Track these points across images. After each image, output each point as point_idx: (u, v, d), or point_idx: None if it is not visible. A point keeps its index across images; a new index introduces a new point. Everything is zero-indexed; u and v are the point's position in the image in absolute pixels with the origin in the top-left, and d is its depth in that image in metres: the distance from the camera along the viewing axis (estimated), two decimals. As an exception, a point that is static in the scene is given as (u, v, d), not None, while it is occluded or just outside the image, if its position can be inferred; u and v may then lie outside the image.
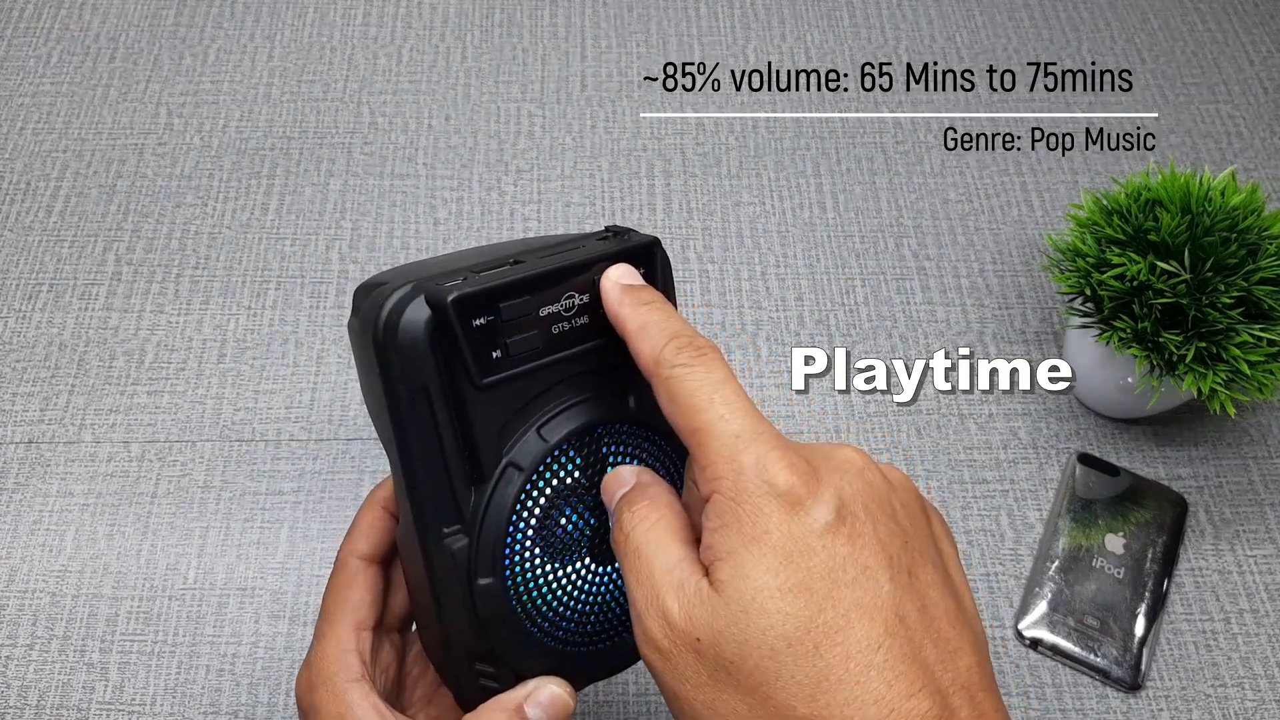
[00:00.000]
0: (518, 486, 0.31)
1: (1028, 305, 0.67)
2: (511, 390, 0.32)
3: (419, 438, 0.31)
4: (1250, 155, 0.74)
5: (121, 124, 0.73)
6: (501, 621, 0.32)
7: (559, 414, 0.32)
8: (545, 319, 0.32)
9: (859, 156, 0.73)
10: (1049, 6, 0.83)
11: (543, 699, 0.33)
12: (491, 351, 0.31)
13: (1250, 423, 0.62)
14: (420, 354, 0.30)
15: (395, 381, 0.31)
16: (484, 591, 0.32)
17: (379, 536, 0.37)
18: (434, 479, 0.31)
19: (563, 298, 0.32)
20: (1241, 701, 0.53)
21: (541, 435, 0.32)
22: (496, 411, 0.32)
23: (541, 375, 0.32)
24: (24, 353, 0.63)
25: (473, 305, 0.30)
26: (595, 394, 0.33)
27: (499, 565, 0.32)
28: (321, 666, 0.34)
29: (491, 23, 0.80)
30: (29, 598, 0.55)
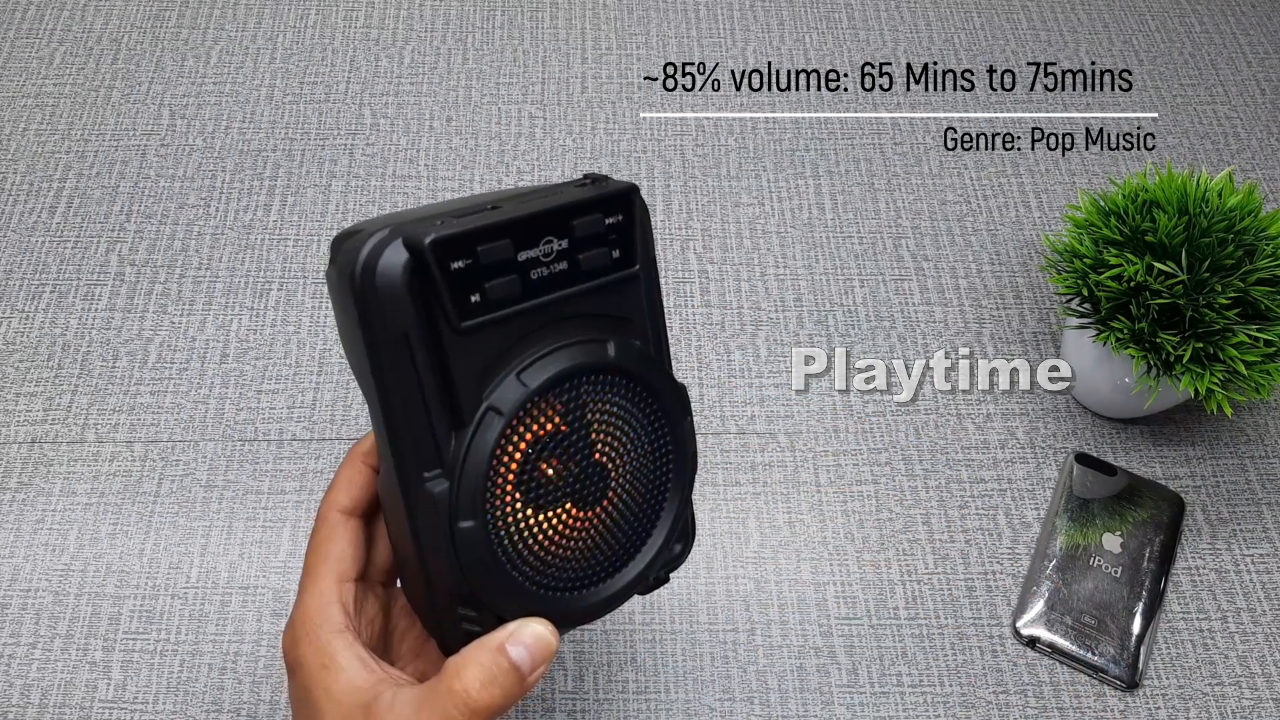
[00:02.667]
0: (498, 430, 0.31)
1: (1025, 306, 0.67)
2: (491, 335, 0.32)
3: (399, 382, 0.31)
4: (1247, 156, 0.75)
5: (124, 125, 0.74)
6: (483, 565, 0.32)
7: (539, 359, 0.33)
8: (524, 264, 0.32)
9: (858, 157, 0.74)
10: (1047, 8, 0.83)
11: (525, 638, 0.32)
12: (470, 295, 0.31)
13: (1247, 422, 0.63)
14: (399, 298, 0.30)
15: (374, 326, 0.31)
16: (465, 534, 0.32)
17: (359, 490, 0.37)
18: (415, 423, 0.32)
19: (541, 243, 0.32)
20: (1239, 700, 0.53)
21: (522, 380, 0.32)
22: (476, 356, 0.32)
23: (521, 320, 0.32)
24: (27, 353, 0.63)
25: (451, 248, 0.30)
26: (576, 340, 0.33)
27: (479, 508, 0.32)
28: (304, 619, 0.34)
29: (492, 25, 0.80)
30: (32, 597, 0.55)
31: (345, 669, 0.33)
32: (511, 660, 0.32)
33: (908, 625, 0.55)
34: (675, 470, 0.36)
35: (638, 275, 0.35)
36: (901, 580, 0.57)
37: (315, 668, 0.33)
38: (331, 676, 0.33)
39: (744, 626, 0.55)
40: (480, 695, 0.31)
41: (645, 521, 0.36)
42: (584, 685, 0.53)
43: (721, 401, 0.63)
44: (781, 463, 0.60)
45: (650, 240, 0.36)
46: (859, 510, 0.59)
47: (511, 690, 0.32)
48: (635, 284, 0.35)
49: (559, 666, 0.54)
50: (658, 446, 0.36)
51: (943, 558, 0.57)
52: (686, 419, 0.37)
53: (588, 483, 0.34)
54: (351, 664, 0.33)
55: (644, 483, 0.36)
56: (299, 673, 0.34)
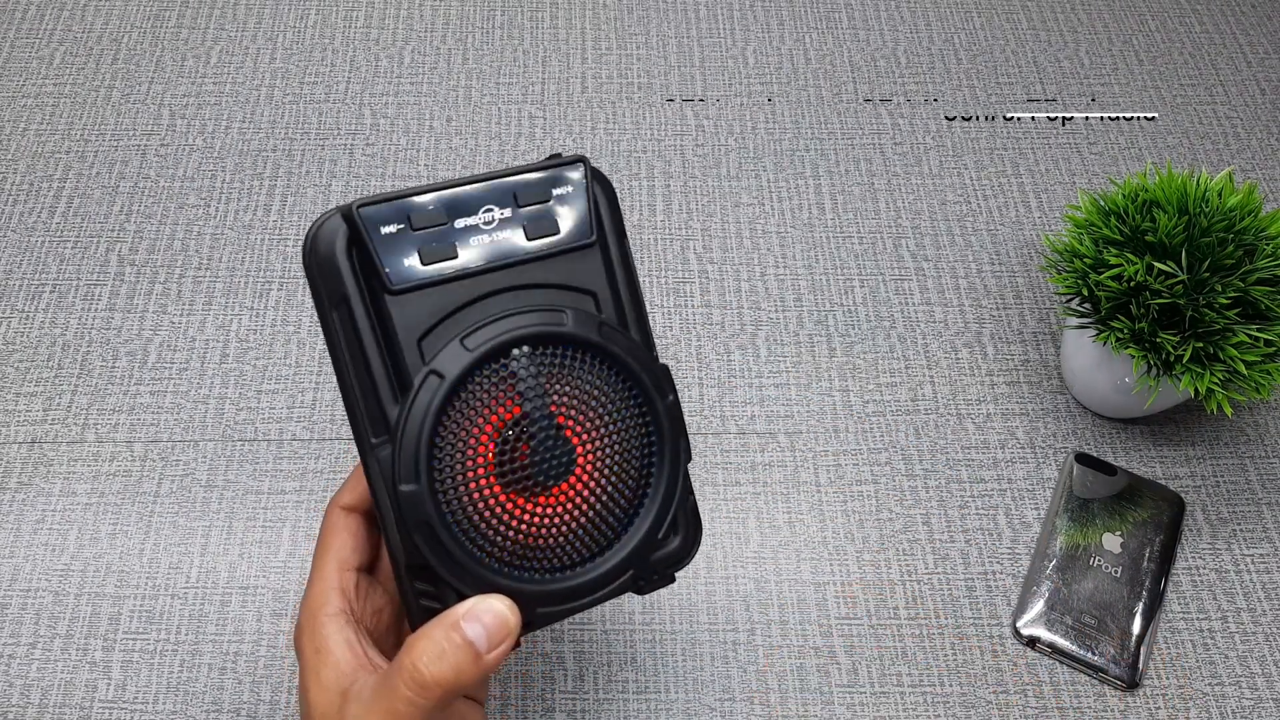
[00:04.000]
0: (440, 393, 0.32)
1: (1025, 305, 0.67)
2: (431, 299, 0.32)
3: (345, 348, 0.32)
4: (1247, 156, 0.75)
5: (124, 125, 0.74)
6: (430, 533, 0.32)
7: (485, 325, 0.33)
8: (462, 230, 0.33)
9: (857, 158, 0.74)
10: (1046, 8, 0.83)
11: (482, 615, 0.31)
12: (403, 259, 0.32)
13: (1247, 422, 0.63)
14: (335, 263, 0.32)
15: (320, 295, 0.32)
16: (408, 498, 0.31)
17: (363, 491, 0.37)
18: (362, 389, 0.32)
19: (480, 210, 0.33)
20: (1239, 700, 0.53)
21: (464, 344, 0.32)
22: (416, 319, 0.32)
23: (465, 287, 0.33)
24: (27, 353, 0.63)
25: (381, 213, 0.32)
26: (528, 309, 0.33)
27: (421, 471, 0.31)
28: (307, 608, 0.35)
29: (492, 25, 0.80)
30: (32, 596, 0.55)
31: (333, 653, 0.33)
32: (465, 636, 0.31)
33: (908, 625, 0.55)
34: (659, 454, 0.35)
35: (594, 246, 0.35)
36: (901, 580, 0.57)
37: (310, 653, 0.33)
38: (322, 661, 0.33)
39: (744, 626, 0.55)
40: (429, 670, 0.30)
41: (626, 507, 0.35)
42: (584, 685, 0.53)
43: (721, 401, 0.63)
44: (781, 463, 0.60)
45: (616, 215, 0.36)
46: (859, 510, 0.59)
47: (465, 668, 0.31)
48: (593, 256, 0.35)
49: (559, 666, 0.54)
50: (635, 427, 0.35)
51: (943, 558, 0.57)
52: (668, 399, 0.35)
53: (549, 457, 0.33)
54: (340, 648, 0.33)
55: (622, 465, 0.34)
56: (301, 657, 0.34)
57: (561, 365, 0.33)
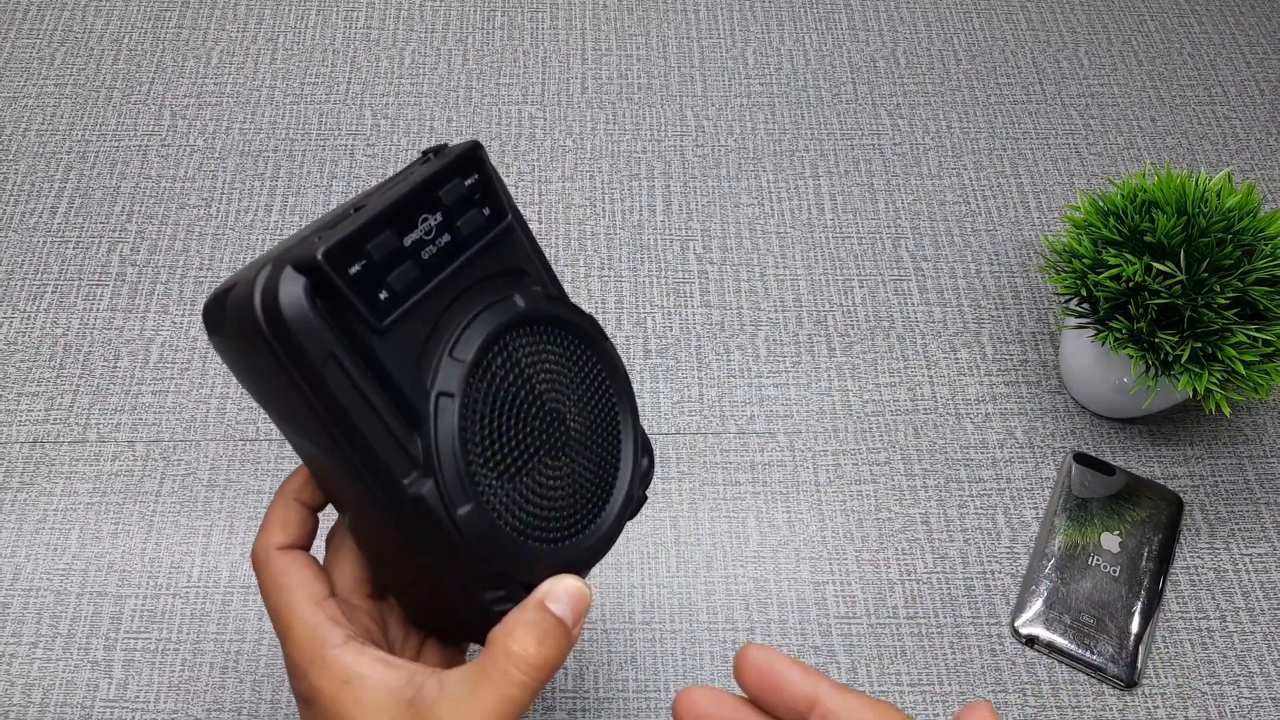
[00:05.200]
0: (456, 411, 0.32)
1: (1024, 306, 0.67)
2: (411, 325, 0.32)
3: (348, 403, 0.31)
4: (1246, 156, 0.75)
5: (125, 125, 0.74)
6: (494, 540, 0.32)
7: (462, 333, 0.33)
8: (412, 247, 0.32)
9: (857, 158, 0.74)
10: (1046, 9, 0.83)
11: (561, 594, 0.33)
12: (378, 294, 0.31)
13: (1245, 422, 0.63)
14: (313, 321, 0.30)
15: (300, 359, 0.30)
16: (467, 519, 0.32)
17: (295, 529, 0.36)
18: (378, 437, 0.31)
19: (419, 223, 0.33)
20: (1237, 699, 0.53)
21: (455, 357, 0.32)
22: (406, 350, 0.32)
23: (432, 302, 0.33)
24: (29, 353, 0.63)
25: (342, 253, 0.30)
26: (490, 301, 0.34)
27: (470, 489, 0.32)
28: (300, 652, 0.33)
29: (493, 25, 0.80)
30: (33, 596, 0.55)
31: (369, 675, 0.32)
32: (555, 615, 0.32)
33: (907, 624, 0.55)
34: (616, 391, 0.38)
35: (512, 225, 0.36)
36: (900, 579, 0.57)
37: (335, 687, 0.32)
38: (358, 688, 0.31)
39: (744, 626, 0.55)
40: (539, 652, 0.31)
41: (611, 446, 0.37)
42: (584, 685, 0.53)
43: (721, 401, 0.63)
44: (781, 462, 0.61)
45: (504, 185, 0.37)
46: (858, 510, 0.59)
47: (563, 645, 0.32)
48: (513, 234, 0.36)
49: (559, 665, 0.54)
50: (593, 375, 0.37)
51: (942, 557, 0.58)
52: (607, 343, 0.38)
53: (550, 430, 0.34)
54: (375, 668, 0.32)
55: (596, 412, 0.37)
56: (318, 700, 0.32)
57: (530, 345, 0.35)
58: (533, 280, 0.37)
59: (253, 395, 0.33)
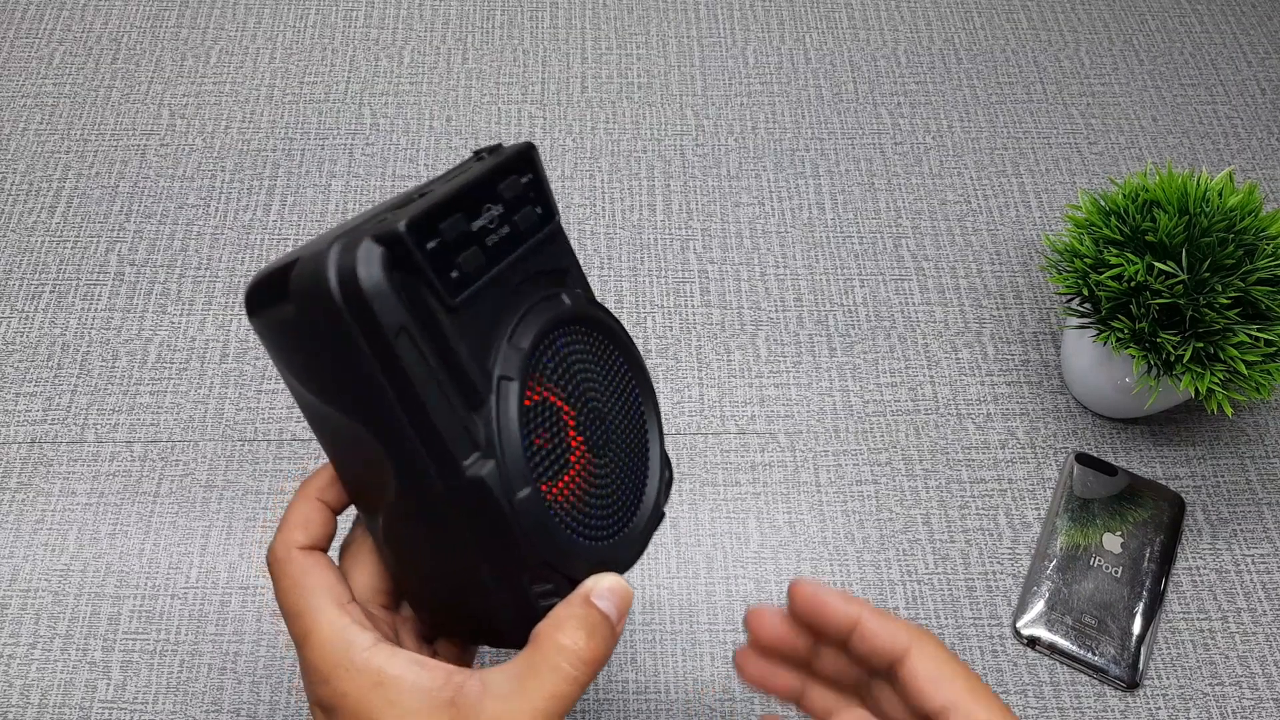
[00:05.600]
0: (518, 394, 0.32)
1: (1025, 305, 0.67)
2: (478, 307, 0.32)
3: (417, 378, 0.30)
4: (1248, 156, 0.75)
5: (124, 125, 0.74)
6: (546, 529, 0.32)
7: (519, 323, 0.33)
8: (479, 232, 0.33)
9: (857, 158, 0.74)
10: (1047, 8, 0.83)
11: (605, 590, 0.32)
12: (450, 272, 0.32)
13: (1247, 422, 0.63)
14: (390, 293, 0.30)
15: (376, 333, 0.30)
16: (524, 503, 0.31)
17: (317, 529, 0.35)
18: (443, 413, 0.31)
19: (484, 210, 0.33)
20: (1239, 700, 0.53)
21: (514, 344, 0.33)
22: (473, 329, 0.32)
23: (495, 289, 0.33)
24: (27, 353, 0.63)
25: (421, 228, 0.30)
26: (541, 298, 0.35)
27: (528, 474, 0.32)
28: (324, 657, 0.31)
29: (492, 25, 0.80)
30: (31, 597, 0.55)
31: (404, 676, 0.30)
32: (601, 610, 0.32)
33: (908, 625, 0.55)
34: (644, 399, 0.38)
35: (560, 227, 0.37)
36: (902, 580, 0.57)
37: (365, 690, 0.30)
38: (392, 690, 0.30)
39: (744, 627, 0.55)
40: (589, 646, 0.31)
41: (640, 453, 0.38)
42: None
43: (721, 401, 0.63)
44: (781, 463, 0.60)
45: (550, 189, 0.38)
46: (859, 510, 0.59)
47: (609, 640, 0.32)
48: (560, 235, 0.37)
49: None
50: (625, 381, 0.38)
51: (943, 558, 0.57)
52: (636, 350, 0.39)
53: (594, 428, 0.35)
54: (409, 669, 0.30)
55: (628, 417, 0.37)
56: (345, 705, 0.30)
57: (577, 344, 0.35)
58: (574, 282, 0.37)
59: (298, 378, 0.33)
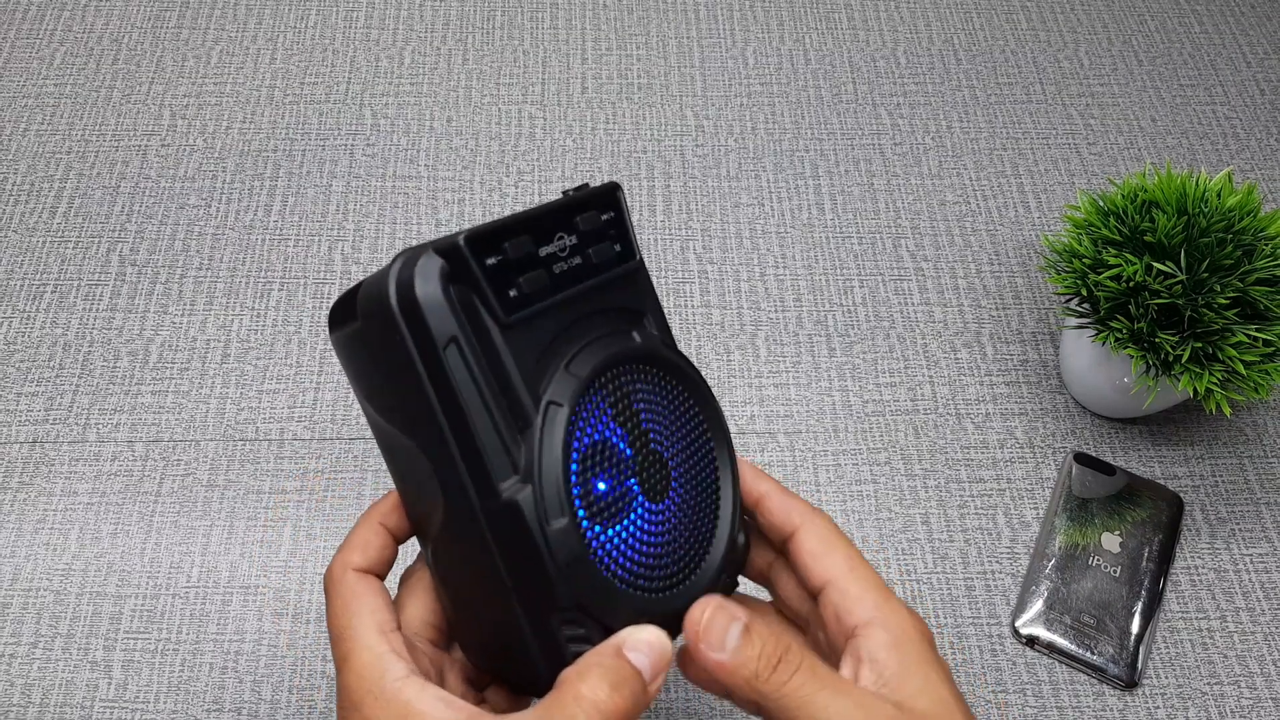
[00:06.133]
0: (565, 422, 0.31)
1: (1024, 306, 0.67)
2: (534, 329, 0.32)
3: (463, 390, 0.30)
4: (1246, 156, 0.75)
5: (125, 125, 0.74)
6: (582, 567, 0.31)
7: (581, 351, 0.33)
8: (546, 258, 0.33)
9: (857, 158, 0.74)
10: (1046, 9, 0.83)
11: (641, 644, 0.30)
12: (508, 290, 0.32)
13: (1246, 422, 0.63)
14: (442, 302, 0.30)
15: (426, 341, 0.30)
16: (559, 535, 0.30)
17: (376, 553, 0.35)
18: (484, 432, 0.31)
19: (555, 238, 0.33)
20: (1238, 699, 0.53)
21: (571, 371, 0.32)
22: (527, 351, 0.32)
23: (555, 314, 0.33)
24: (28, 353, 0.63)
25: (483, 243, 0.31)
26: (608, 330, 0.34)
27: (567, 503, 0.30)
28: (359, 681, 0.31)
29: (493, 25, 0.80)
30: (33, 596, 0.55)
31: (429, 712, 0.30)
32: (633, 665, 0.30)
33: (907, 625, 0.55)
34: (720, 455, 0.37)
35: (639, 266, 0.36)
36: (901, 580, 0.57)
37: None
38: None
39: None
40: (611, 699, 0.29)
41: (708, 512, 0.36)
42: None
43: (721, 401, 0.63)
44: (781, 463, 0.61)
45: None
46: (858, 510, 0.59)
47: (638, 698, 0.29)
48: (639, 276, 0.36)
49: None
50: (699, 433, 0.36)
51: (942, 557, 0.58)
52: (716, 404, 0.37)
53: (651, 473, 0.34)
54: (435, 706, 0.30)
55: (697, 471, 0.36)
56: None
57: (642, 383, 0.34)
58: (652, 325, 0.37)
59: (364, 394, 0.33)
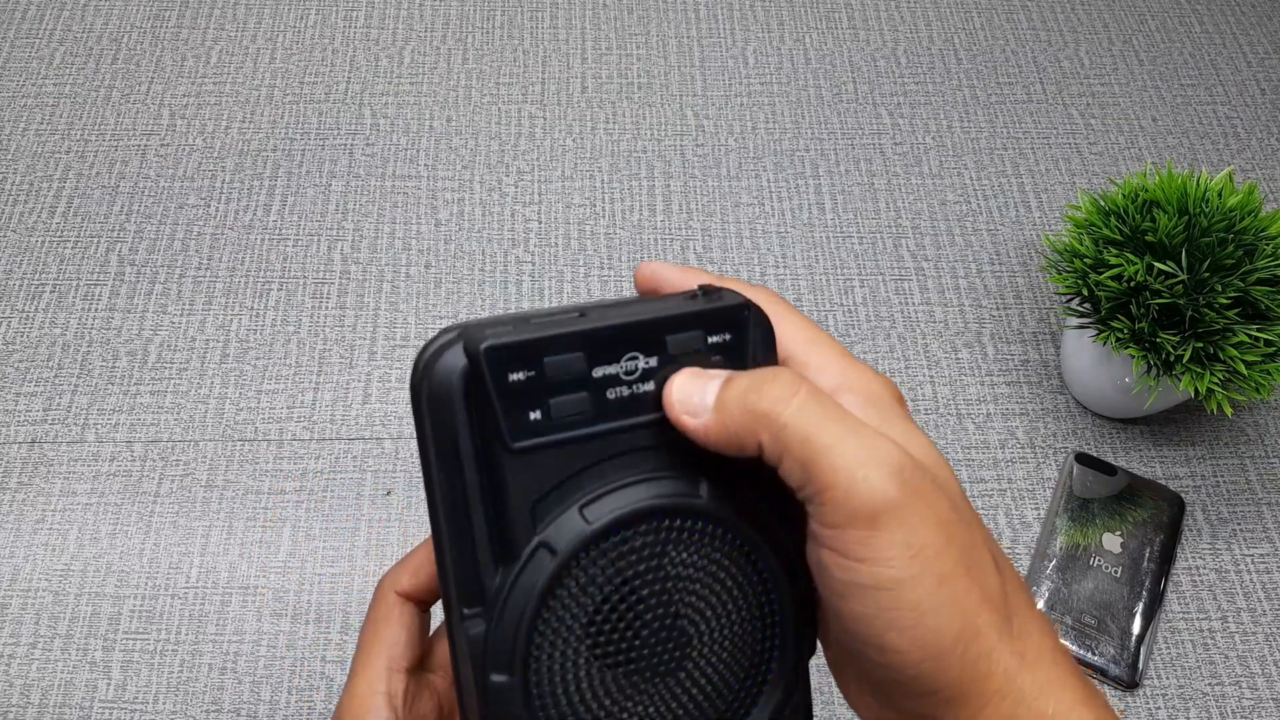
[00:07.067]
0: (549, 572, 0.27)
1: (1025, 305, 0.67)
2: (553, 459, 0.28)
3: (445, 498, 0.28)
4: (1247, 156, 0.75)
5: (124, 125, 0.74)
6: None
7: (609, 493, 0.28)
8: (599, 381, 0.28)
9: (857, 158, 0.74)
10: (1047, 9, 0.83)
11: None
12: (530, 411, 0.27)
13: (1247, 422, 0.63)
14: (449, 404, 0.27)
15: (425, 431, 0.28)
16: (496, 690, 0.27)
17: (425, 579, 0.33)
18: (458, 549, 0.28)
19: (623, 359, 0.28)
20: (1239, 700, 0.53)
21: (584, 515, 0.28)
22: (533, 481, 0.28)
23: (592, 446, 0.28)
24: (27, 353, 0.63)
25: (509, 356, 0.27)
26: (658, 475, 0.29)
27: (517, 662, 0.27)
28: (349, 708, 0.31)
29: (492, 25, 0.80)
30: (32, 596, 0.55)
31: None
32: None
33: (908, 625, 0.55)
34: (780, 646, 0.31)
35: None
36: (901, 580, 0.57)
37: None
38: None
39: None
40: None
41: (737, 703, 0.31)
42: None
43: (721, 401, 0.62)
44: (781, 463, 0.60)
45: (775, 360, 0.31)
46: (859, 510, 0.59)
47: None
48: None
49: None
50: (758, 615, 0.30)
51: (943, 558, 0.57)
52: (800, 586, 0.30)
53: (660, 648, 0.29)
54: None
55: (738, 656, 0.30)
56: None
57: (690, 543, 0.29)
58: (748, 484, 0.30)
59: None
